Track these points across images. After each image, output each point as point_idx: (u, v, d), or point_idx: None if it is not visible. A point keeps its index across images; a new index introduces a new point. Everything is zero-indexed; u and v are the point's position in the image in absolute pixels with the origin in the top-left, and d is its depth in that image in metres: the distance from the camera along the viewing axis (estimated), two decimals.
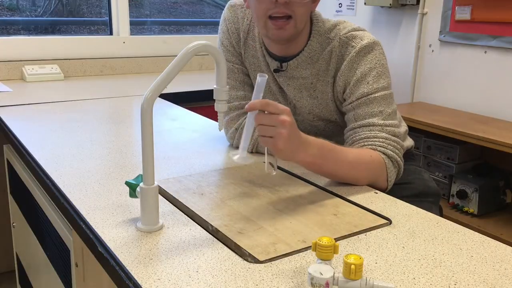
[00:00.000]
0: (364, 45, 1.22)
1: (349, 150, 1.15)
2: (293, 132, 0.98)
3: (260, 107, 0.97)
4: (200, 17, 3.41)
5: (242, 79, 1.38)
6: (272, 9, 1.15)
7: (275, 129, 0.96)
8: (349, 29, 1.26)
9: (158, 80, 0.86)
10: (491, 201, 2.19)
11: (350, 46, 1.23)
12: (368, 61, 1.22)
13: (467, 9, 2.39)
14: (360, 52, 1.22)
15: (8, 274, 2.22)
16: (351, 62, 1.22)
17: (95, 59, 2.61)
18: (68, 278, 1.16)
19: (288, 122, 0.96)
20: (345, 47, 1.24)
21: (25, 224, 1.59)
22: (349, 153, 1.13)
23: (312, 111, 1.32)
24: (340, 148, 1.13)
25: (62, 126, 1.58)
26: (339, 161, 1.11)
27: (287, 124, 0.96)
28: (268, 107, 0.96)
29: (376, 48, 1.23)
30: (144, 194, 0.89)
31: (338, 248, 0.72)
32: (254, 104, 0.97)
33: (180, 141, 1.47)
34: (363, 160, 1.13)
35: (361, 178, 1.15)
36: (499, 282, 0.77)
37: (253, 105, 0.97)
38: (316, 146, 1.06)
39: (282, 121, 0.95)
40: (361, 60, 1.22)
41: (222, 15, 1.40)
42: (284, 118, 0.96)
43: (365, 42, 1.22)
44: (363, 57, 1.22)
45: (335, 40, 1.25)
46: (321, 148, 1.08)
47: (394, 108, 1.23)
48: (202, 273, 0.77)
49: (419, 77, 2.70)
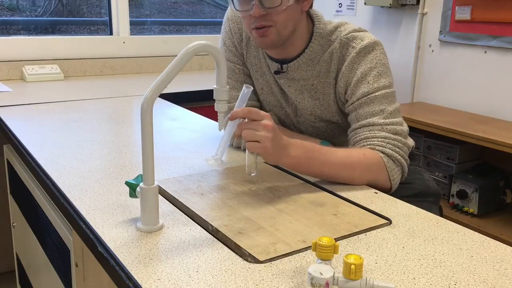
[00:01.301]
0: (365, 46, 1.22)
1: (338, 150, 1.15)
2: (276, 135, 1.02)
3: (243, 115, 1.01)
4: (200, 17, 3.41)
5: (243, 79, 1.38)
6: (253, 22, 1.18)
7: (260, 133, 1.00)
8: (350, 30, 1.26)
9: (158, 80, 0.86)
10: (491, 201, 2.19)
11: (351, 47, 1.23)
12: (368, 61, 1.22)
13: (467, 9, 2.39)
14: (360, 53, 1.22)
15: (8, 274, 2.22)
16: (351, 63, 1.23)
17: (95, 59, 2.61)
18: (68, 278, 1.16)
19: (270, 126, 1.01)
20: (346, 48, 1.24)
21: (25, 224, 1.59)
22: (338, 153, 1.14)
23: (313, 112, 1.32)
24: (328, 149, 1.14)
25: (62, 126, 1.58)
26: (327, 162, 1.12)
27: (270, 128, 1.00)
28: (251, 114, 1.01)
29: (377, 48, 1.23)
30: (144, 194, 0.89)
31: (338, 248, 0.72)
32: (237, 113, 1.02)
33: (180, 141, 1.47)
34: (354, 159, 1.13)
35: (356, 177, 1.14)
36: (499, 282, 0.77)
37: (235, 113, 1.02)
38: (300, 148, 1.08)
39: (264, 126, 1.00)
40: (361, 60, 1.22)
41: (225, 15, 1.40)
42: (266, 122, 1.01)
43: (366, 43, 1.22)
44: (364, 57, 1.22)
45: (336, 41, 1.25)
46: (306, 150, 1.09)
47: (396, 106, 1.23)
48: (202, 273, 0.77)
49: (419, 77, 2.70)
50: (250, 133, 1.01)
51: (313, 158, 1.10)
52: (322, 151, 1.12)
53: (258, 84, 1.38)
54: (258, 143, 1.01)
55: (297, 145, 1.08)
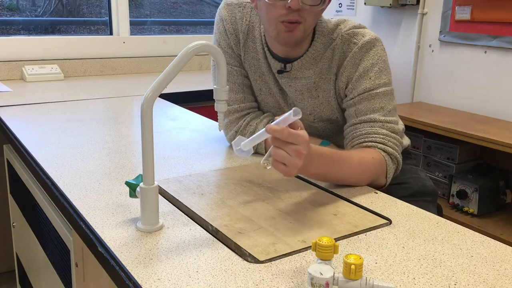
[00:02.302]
0: (366, 41, 1.23)
1: (351, 157, 1.14)
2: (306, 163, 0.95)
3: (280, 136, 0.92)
4: (200, 17, 3.41)
5: (241, 81, 1.37)
6: (285, 16, 1.15)
7: (291, 158, 0.92)
8: (351, 26, 1.27)
9: (158, 80, 0.86)
10: (491, 201, 2.19)
11: (352, 43, 1.24)
12: (370, 57, 1.23)
13: (467, 9, 2.39)
14: (362, 48, 1.23)
15: (8, 274, 2.22)
16: (353, 58, 1.23)
17: (95, 59, 2.61)
18: (68, 278, 1.16)
19: (303, 154, 0.93)
20: (347, 44, 1.25)
21: (25, 224, 1.59)
22: (353, 161, 1.13)
23: (313, 111, 1.32)
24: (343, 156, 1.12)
25: (62, 126, 1.58)
26: (342, 170, 1.12)
27: (302, 156, 0.93)
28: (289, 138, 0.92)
29: (378, 44, 1.25)
30: (144, 194, 0.89)
31: (338, 248, 0.72)
32: (274, 131, 0.92)
33: (180, 141, 1.47)
34: (366, 164, 1.14)
35: (364, 180, 1.16)
36: (499, 282, 0.77)
37: (273, 131, 0.92)
38: (319, 160, 1.04)
39: (298, 153, 0.92)
40: (363, 56, 1.23)
41: (217, 15, 1.37)
42: (301, 150, 0.92)
43: (367, 39, 1.23)
44: (366, 53, 1.23)
45: (338, 38, 1.26)
46: (325, 166, 1.08)
47: (394, 104, 1.24)
48: (202, 273, 0.77)
49: (419, 77, 2.70)
50: (281, 154, 0.92)
51: (330, 172, 1.10)
52: (340, 162, 1.10)
53: (256, 85, 1.37)
54: (285, 165, 0.93)
55: (318, 157, 1.02)
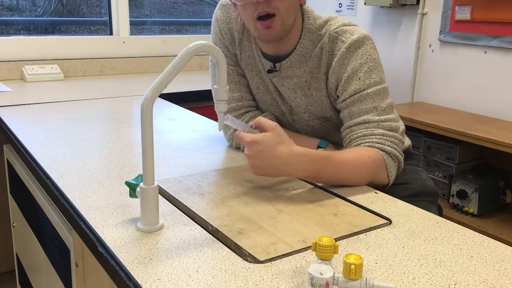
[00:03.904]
0: (354, 40, 1.21)
1: (348, 158, 1.13)
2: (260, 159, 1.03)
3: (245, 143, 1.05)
4: (200, 17, 3.41)
5: (238, 80, 1.38)
6: (256, 10, 1.16)
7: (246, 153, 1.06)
8: (339, 24, 1.24)
9: (158, 80, 0.86)
10: (491, 201, 2.19)
11: (340, 41, 1.22)
12: (358, 56, 1.20)
13: (467, 9, 2.39)
14: (350, 48, 1.21)
15: (8, 274, 2.22)
16: (341, 58, 1.21)
17: (95, 59, 2.61)
18: (68, 278, 1.16)
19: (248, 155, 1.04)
20: (335, 43, 1.23)
21: (25, 224, 1.59)
22: (348, 161, 1.12)
23: (307, 109, 1.32)
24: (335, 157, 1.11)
25: (62, 126, 1.58)
26: (336, 171, 1.11)
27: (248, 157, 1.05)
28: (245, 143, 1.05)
29: (367, 42, 1.21)
30: (144, 194, 0.89)
31: (338, 248, 0.72)
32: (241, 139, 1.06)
33: (180, 141, 1.47)
34: (362, 164, 1.13)
35: (362, 180, 1.15)
36: (499, 282, 0.77)
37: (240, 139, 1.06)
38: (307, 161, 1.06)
39: (246, 155, 1.05)
40: (351, 55, 1.21)
41: (213, 16, 1.38)
42: (246, 153, 1.05)
43: (355, 37, 1.21)
44: (354, 52, 1.21)
45: (325, 36, 1.24)
46: (316, 166, 1.07)
47: (389, 102, 1.22)
48: (202, 273, 0.77)
49: (419, 77, 2.70)
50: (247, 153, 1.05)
51: (323, 173, 1.09)
52: (332, 163, 1.10)
53: (253, 84, 1.37)
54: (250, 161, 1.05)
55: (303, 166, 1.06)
